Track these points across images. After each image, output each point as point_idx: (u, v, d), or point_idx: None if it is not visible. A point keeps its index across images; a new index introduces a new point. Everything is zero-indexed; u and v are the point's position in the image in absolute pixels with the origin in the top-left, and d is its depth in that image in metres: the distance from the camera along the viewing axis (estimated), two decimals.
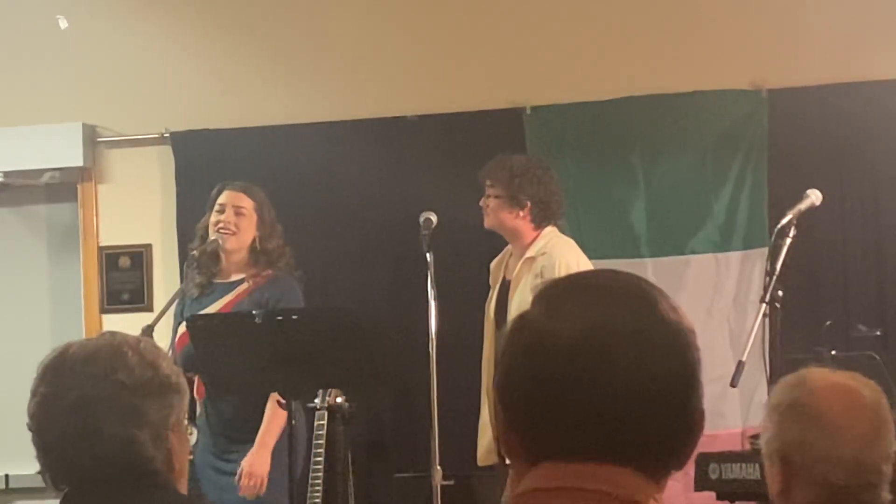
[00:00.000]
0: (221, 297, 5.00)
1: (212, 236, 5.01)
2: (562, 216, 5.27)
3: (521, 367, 1.43)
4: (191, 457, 4.72)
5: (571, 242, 5.15)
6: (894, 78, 6.10)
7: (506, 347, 1.46)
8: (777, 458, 2.38)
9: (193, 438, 4.83)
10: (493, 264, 5.32)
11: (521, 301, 4.97)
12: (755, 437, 2.46)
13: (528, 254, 5.06)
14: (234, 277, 5.04)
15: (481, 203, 5.21)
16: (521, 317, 1.46)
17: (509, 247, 5.26)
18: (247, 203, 5.04)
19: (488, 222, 5.22)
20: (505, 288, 5.15)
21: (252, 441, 4.85)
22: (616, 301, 1.43)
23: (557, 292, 1.47)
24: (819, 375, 2.43)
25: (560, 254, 5.01)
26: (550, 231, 5.14)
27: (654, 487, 1.40)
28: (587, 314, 1.41)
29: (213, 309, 4.96)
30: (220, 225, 4.99)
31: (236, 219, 5.01)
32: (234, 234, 5.00)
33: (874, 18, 6.19)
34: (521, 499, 1.43)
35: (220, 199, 5.05)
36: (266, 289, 4.95)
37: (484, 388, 5.20)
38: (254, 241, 5.02)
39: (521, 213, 5.12)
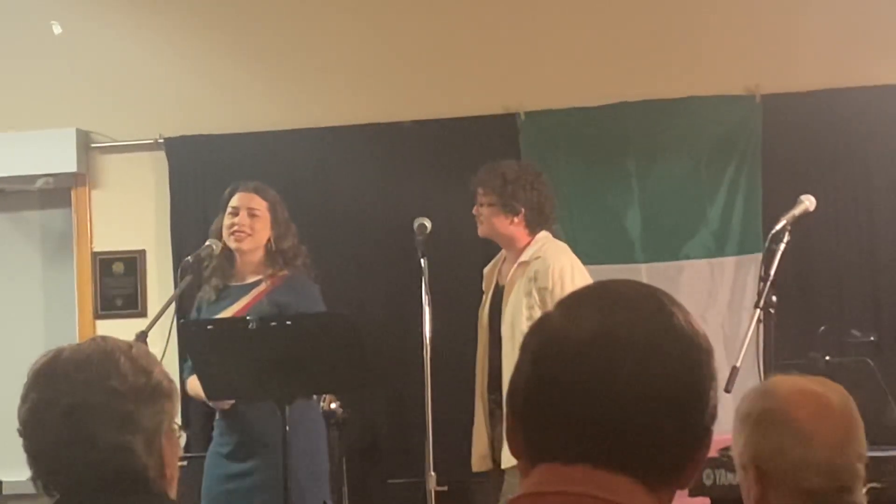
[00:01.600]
0: (238, 299, 4.99)
1: (225, 238, 5.00)
2: (555, 220, 5.27)
3: (529, 365, 1.44)
4: (183, 463, 4.73)
5: (565, 247, 5.15)
6: (888, 83, 6.12)
7: (521, 346, 1.47)
8: (751, 467, 2.39)
9: (183, 442, 4.81)
10: (486, 270, 5.32)
11: (514, 306, 4.98)
12: (725, 448, 2.46)
13: (522, 258, 5.06)
14: (251, 279, 5.02)
15: (474, 211, 5.19)
16: (541, 318, 1.48)
17: (503, 252, 5.26)
18: (259, 204, 5.03)
19: (482, 230, 5.20)
20: (498, 293, 5.14)
21: (274, 447, 4.77)
22: (630, 309, 1.43)
23: (577, 297, 1.48)
24: (786, 383, 2.44)
25: (554, 258, 5.01)
26: (544, 236, 5.14)
27: (652, 499, 1.40)
28: (599, 319, 1.41)
29: (230, 311, 4.94)
30: (235, 227, 4.98)
31: (250, 220, 5.00)
32: (249, 235, 4.99)
33: (867, 24, 6.20)
34: (516, 503, 1.42)
35: (233, 202, 5.04)
36: (283, 290, 4.94)
37: (478, 394, 5.20)
38: (269, 240, 5.02)
39: (516, 220, 5.11)
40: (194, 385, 4.76)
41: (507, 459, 4.81)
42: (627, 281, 1.50)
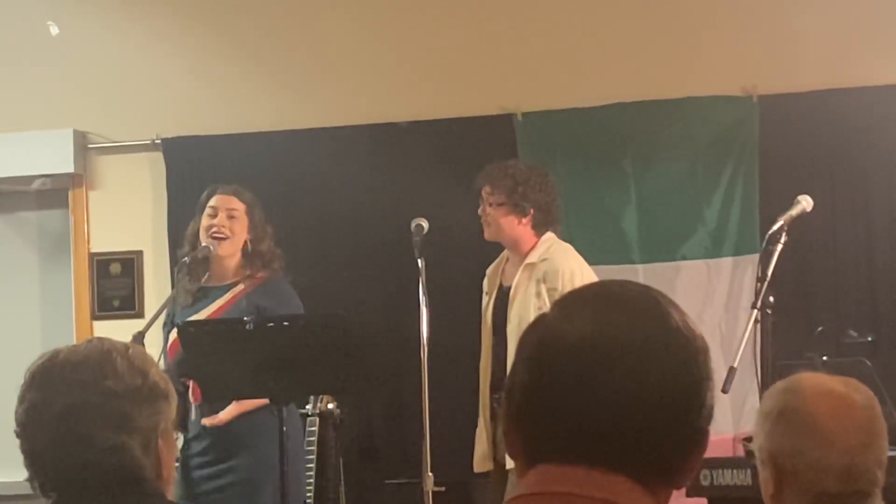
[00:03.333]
0: (215, 300, 4.97)
1: (203, 241, 4.98)
2: (559, 221, 5.27)
3: (526, 365, 1.44)
4: (177, 463, 4.72)
5: (571, 248, 5.14)
6: (885, 84, 6.12)
7: (518, 346, 1.47)
8: (769, 464, 2.37)
9: (180, 444, 4.80)
10: (489, 271, 5.30)
11: (522, 307, 4.95)
12: (748, 438, 2.45)
13: (529, 260, 5.04)
14: (227, 281, 5.01)
15: (480, 213, 5.17)
16: (539, 318, 1.48)
17: (505, 252, 5.24)
18: (238, 205, 5.02)
19: (489, 233, 5.16)
20: (503, 294, 5.13)
21: (251, 446, 4.80)
22: (627, 309, 1.43)
23: (574, 298, 1.48)
24: (811, 381, 2.41)
25: (562, 260, 5.00)
26: (550, 237, 5.13)
27: (650, 499, 1.39)
28: (596, 319, 1.41)
29: (206, 313, 4.93)
30: (214, 229, 4.96)
31: (229, 222, 4.98)
32: (227, 237, 4.97)
33: (864, 25, 6.20)
34: (514, 503, 1.42)
35: (211, 203, 5.02)
36: (262, 292, 4.92)
37: (481, 395, 5.19)
38: (245, 243, 5.00)
39: (524, 221, 5.09)
40: None
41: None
42: (623, 281, 1.50)
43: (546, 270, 4.97)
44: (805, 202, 4.66)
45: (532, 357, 1.43)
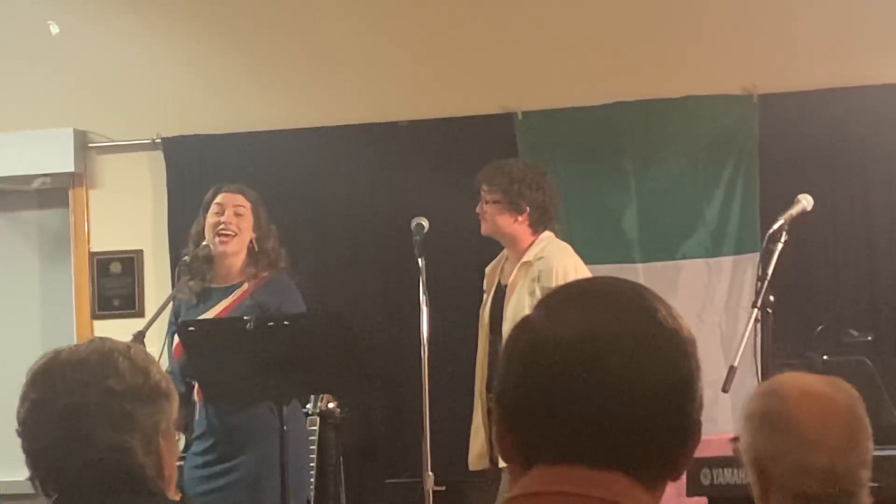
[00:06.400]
0: (220, 301, 4.95)
1: (208, 239, 4.96)
2: (558, 221, 5.28)
3: (517, 368, 1.43)
4: (181, 462, 4.72)
5: (568, 247, 5.15)
6: (885, 83, 6.12)
7: (505, 349, 1.46)
8: (754, 467, 2.38)
9: (181, 444, 4.80)
10: (488, 269, 5.31)
11: (517, 305, 4.97)
12: (735, 439, 2.46)
13: (525, 258, 5.05)
14: (232, 281, 4.99)
15: (478, 209, 5.19)
16: (523, 320, 1.47)
17: (504, 251, 5.25)
18: (244, 202, 5.00)
19: (486, 229, 5.19)
20: (500, 293, 5.14)
21: (254, 445, 4.79)
22: (614, 307, 1.43)
23: (559, 297, 1.47)
24: (792, 382, 2.41)
25: (557, 259, 5.01)
26: (547, 236, 5.13)
27: (647, 495, 1.40)
28: (584, 318, 1.41)
29: (211, 314, 4.90)
30: (221, 226, 4.93)
31: (236, 219, 4.95)
32: (235, 234, 4.94)
33: (865, 24, 6.21)
34: (513, 503, 1.42)
35: (218, 200, 5.00)
36: (266, 291, 4.90)
37: (477, 393, 5.20)
38: (251, 241, 4.99)
39: (520, 219, 5.11)
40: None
41: None
42: (607, 278, 1.50)
43: (541, 269, 4.98)
44: (805, 201, 4.66)
45: (523, 360, 1.43)
